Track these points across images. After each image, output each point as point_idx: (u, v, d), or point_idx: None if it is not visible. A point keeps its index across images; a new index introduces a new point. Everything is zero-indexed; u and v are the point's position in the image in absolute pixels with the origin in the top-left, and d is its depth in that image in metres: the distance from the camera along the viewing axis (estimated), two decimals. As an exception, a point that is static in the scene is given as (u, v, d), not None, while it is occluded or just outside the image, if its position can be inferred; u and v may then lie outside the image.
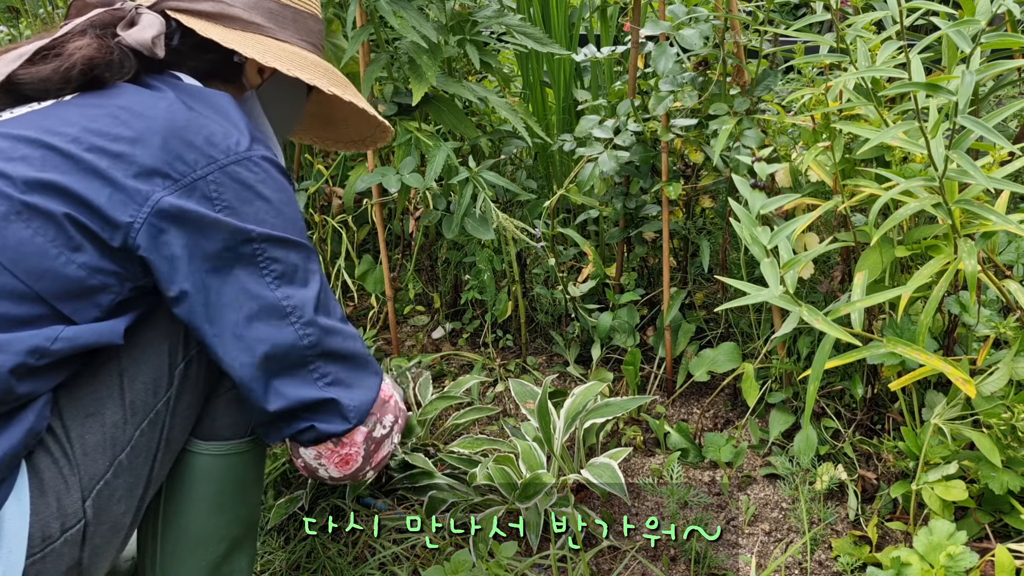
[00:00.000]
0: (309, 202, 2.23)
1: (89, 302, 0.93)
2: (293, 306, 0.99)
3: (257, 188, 0.98)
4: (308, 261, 1.02)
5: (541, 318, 2.17)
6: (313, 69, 1.13)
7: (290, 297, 0.99)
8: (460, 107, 1.87)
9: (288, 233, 1.00)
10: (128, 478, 0.98)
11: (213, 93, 1.03)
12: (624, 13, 2.40)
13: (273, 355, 0.98)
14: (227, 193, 0.96)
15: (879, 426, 1.66)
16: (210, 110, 1.00)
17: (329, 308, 1.03)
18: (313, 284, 1.02)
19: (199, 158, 0.95)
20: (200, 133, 0.96)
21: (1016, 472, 1.32)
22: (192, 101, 1.00)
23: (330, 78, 1.15)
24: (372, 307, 2.26)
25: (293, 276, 1.00)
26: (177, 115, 0.97)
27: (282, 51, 1.11)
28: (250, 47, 1.07)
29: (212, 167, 0.95)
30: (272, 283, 0.98)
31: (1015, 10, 1.34)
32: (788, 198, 1.41)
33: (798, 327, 1.50)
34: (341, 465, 1.07)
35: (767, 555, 1.49)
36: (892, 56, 1.32)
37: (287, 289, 0.99)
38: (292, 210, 1.02)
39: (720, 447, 1.72)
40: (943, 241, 1.36)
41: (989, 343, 1.39)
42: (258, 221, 0.97)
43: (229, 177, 0.96)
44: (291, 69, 1.08)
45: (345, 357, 1.04)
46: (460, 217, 1.75)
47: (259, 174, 0.98)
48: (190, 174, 0.94)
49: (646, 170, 1.92)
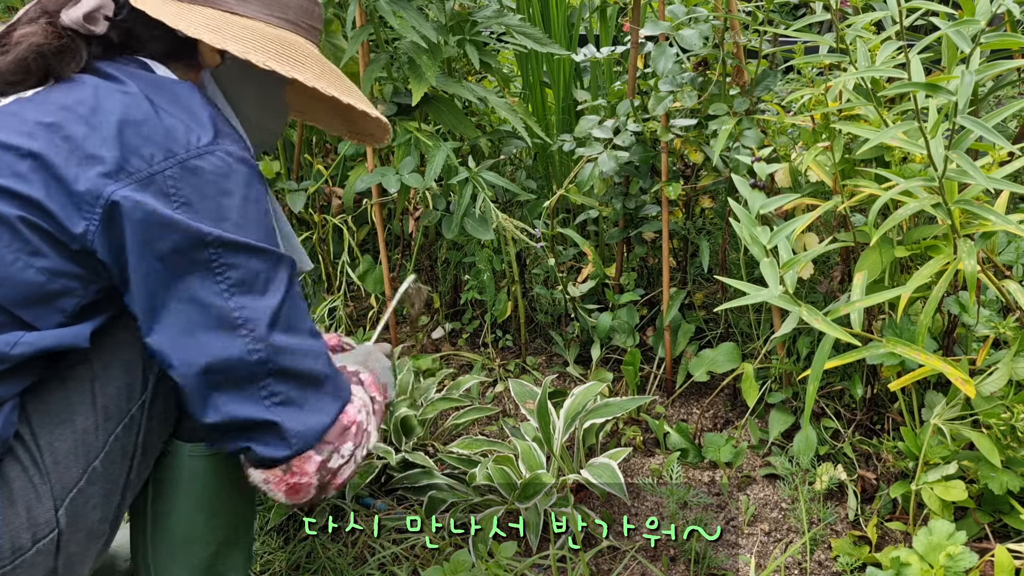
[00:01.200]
0: (309, 202, 2.23)
1: (51, 307, 0.89)
2: (246, 318, 0.92)
3: (220, 184, 0.92)
4: (274, 269, 0.95)
5: (541, 318, 2.17)
6: (275, 49, 1.02)
7: (244, 308, 0.92)
8: (460, 107, 1.87)
9: (249, 237, 0.93)
10: (104, 485, 0.95)
11: (177, 85, 0.98)
12: (624, 13, 2.40)
13: (216, 368, 0.92)
14: (185, 189, 0.90)
15: (879, 426, 1.66)
16: (172, 103, 0.94)
17: (291, 322, 0.96)
18: (274, 294, 0.94)
19: (156, 152, 0.90)
20: (159, 127, 0.91)
21: (1015, 472, 1.32)
22: (154, 94, 0.95)
23: (300, 60, 1.04)
24: (372, 307, 2.26)
25: (252, 285, 0.93)
26: (135, 109, 0.92)
27: (238, 28, 1.02)
28: (195, 22, 0.99)
29: (170, 161, 0.90)
30: (226, 291, 0.92)
31: (1015, 10, 1.34)
32: (788, 198, 1.41)
33: (798, 327, 1.50)
34: (290, 494, 0.98)
35: (767, 555, 1.49)
36: (892, 56, 1.32)
37: (242, 299, 0.92)
38: (257, 210, 0.95)
39: (720, 447, 1.72)
40: (943, 241, 1.36)
41: (989, 343, 1.39)
42: (217, 220, 0.91)
43: (189, 172, 0.91)
44: (244, 50, 0.98)
45: (301, 377, 0.96)
46: (460, 217, 1.76)
47: (222, 168, 0.92)
48: (146, 168, 0.89)
49: (646, 170, 1.92)
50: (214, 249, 0.91)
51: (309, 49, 1.08)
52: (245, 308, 0.92)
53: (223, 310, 0.91)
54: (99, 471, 0.95)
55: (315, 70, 1.04)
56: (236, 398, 0.93)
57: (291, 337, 0.95)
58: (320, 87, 1.02)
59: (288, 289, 0.96)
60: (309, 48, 1.08)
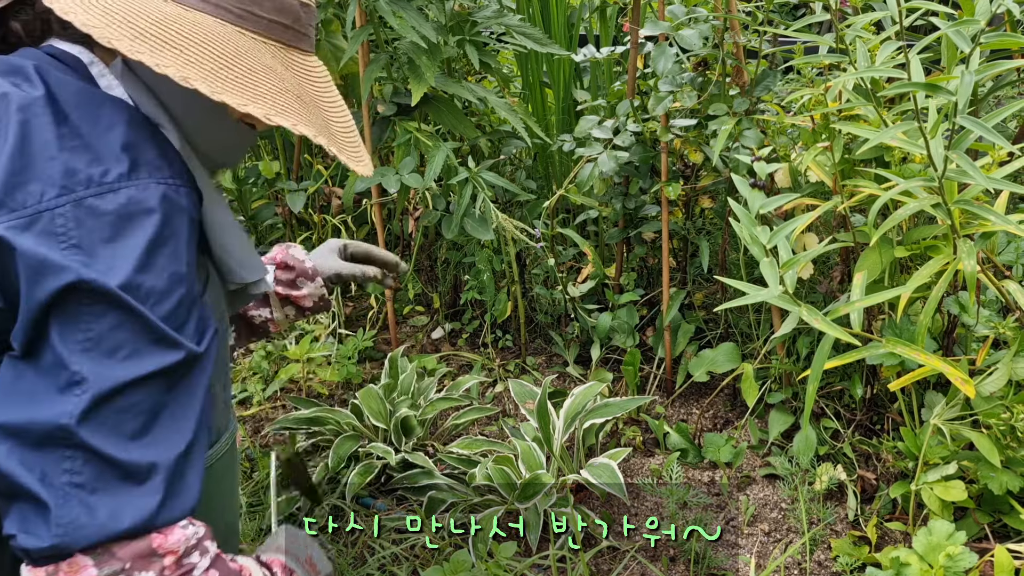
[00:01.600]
0: (309, 202, 2.23)
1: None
2: (82, 378, 0.77)
3: (120, 227, 0.79)
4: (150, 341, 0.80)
5: (540, 318, 2.17)
6: (168, 38, 0.82)
7: (84, 369, 0.78)
8: (459, 107, 1.87)
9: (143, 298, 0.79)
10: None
11: (105, 103, 0.84)
12: (623, 13, 2.40)
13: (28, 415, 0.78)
14: (77, 231, 0.78)
15: (878, 426, 1.66)
16: (88, 125, 0.82)
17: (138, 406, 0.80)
18: (132, 368, 0.79)
19: (48, 188, 0.78)
20: (57, 160, 0.79)
21: (1015, 472, 1.32)
22: (71, 111, 0.82)
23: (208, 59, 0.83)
24: (371, 307, 2.26)
25: (115, 349, 0.79)
26: (34, 131, 0.80)
27: (131, 7, 0.83)
28: (68, 3, 0.82)
29: (63, 199, 0.78)
30: (79, 345, 0.78)
31: (1014, 10, 1.34)
32: (787, 198, 1.41)
33: (797, 327, 1.50)
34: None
35: (766, 555, 1.49)
36: (891, 56, 1.32)
37: (90, 360, 0.78)
38: (166, 262, 0.81)
39: (719, 447, 1.72)
40: (942, 241, 1.36)
41: (988, 343, 1.39)
42: (110, 268, 0.78)
43: (85, 211, 0.78)
44: (104, 34, 0.80)
45: (116, 465, 0.78)
46: (459, 217, 1.76)
47: (126, 209, 0.80)
48: (33, 206, 0.78)
49: (645, 170, 1.92)
50: (90, 298, 0.78)
51: (232, 40, 0.87)
52: (84, 369, 0.78)
53: (66, 363, 0.78)
54: None
55: (224, 71, 0.84)
56: (28, 455, 0.77)
57: (126, 418, 0.79)
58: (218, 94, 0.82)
59: (157, 371, 0.80)
60: (235, 39, 0.87)
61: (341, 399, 2.01)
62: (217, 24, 0.87)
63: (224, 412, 1.03)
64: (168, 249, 0.82)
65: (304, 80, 0.94)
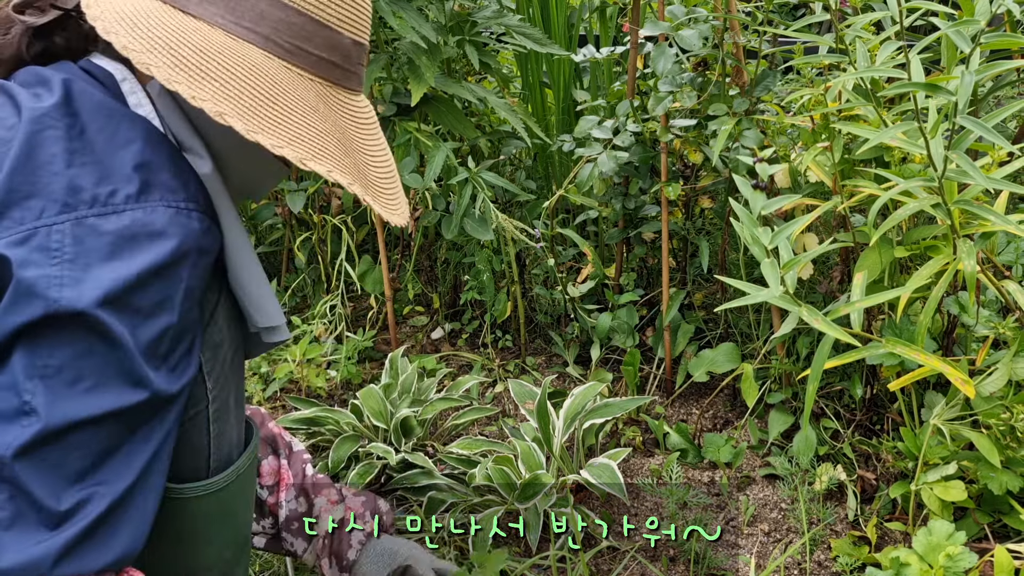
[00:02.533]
0: (309, 202, 2.23)
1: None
2: (32, 408, 0.73)
3: (121, 248, 0.75)
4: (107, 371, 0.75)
5: (540, 318, 2.17)
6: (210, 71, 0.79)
7: (36, 398, 0.73)
8: (459, 107, 1.87)
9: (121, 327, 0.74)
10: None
11: (124, 119, 0.82)
12: (623, 14, 2.40)
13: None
14: (73, 247, 0.74)
15: (878, 426, 1.66)
16: (102, 142, 0.79)
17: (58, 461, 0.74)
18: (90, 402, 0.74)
19: (49, 206, 0.75)
20: (62, 176, 0.76)
21: (1015, 472, 1.32)
22: (87, 125, 0.80)
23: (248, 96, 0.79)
24: (371, 307, 2.26)
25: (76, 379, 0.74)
26: (42, 145, 0.78)
27: (179, 36, 0.80)
28: (120, 22, 0.79)
29: (63, 216, 0.75)
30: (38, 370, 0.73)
31: (1015, 10, 1.34)
32: (788, 199, 1.41)
33: (797, 327, 1.50)
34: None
35: (766, 555, 1.49)
36: (891, 56, 1.32)
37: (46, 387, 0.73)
38: (168, 296, 0.77)
39: (719, 447, 1.72)
40: (942, 241, 1.36)
41: (988, 343, 1.39)
42: (98, 289, 0.73)
43: (85, 230, 0.75)
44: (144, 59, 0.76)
45: (40, 509, 0.73)
46: (459, 217, 1.76)
47: (129, 231, 0.76)
48: (32, 221, 0.75)
49: (645, 170, 1.92)
50: (62, 322, 0.73)
51: (278, 77, 0.83)
52: (37, 399, 0.73)
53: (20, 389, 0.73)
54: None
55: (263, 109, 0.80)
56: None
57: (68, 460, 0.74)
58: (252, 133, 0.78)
59: (116, 410, 0.75)
60: (280, 76, 0.83)
61: (341, 399, 2.01)
62: (263, 57, 0.84)
63: (236, 428, 1.00)
64: (166, 273, 0.78)
65: (348, 121, 0.90)
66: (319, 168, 0.81)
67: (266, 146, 0.79)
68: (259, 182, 0.97)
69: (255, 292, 0.93)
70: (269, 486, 1.30)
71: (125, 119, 0.82)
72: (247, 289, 0.92)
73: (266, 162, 0.93)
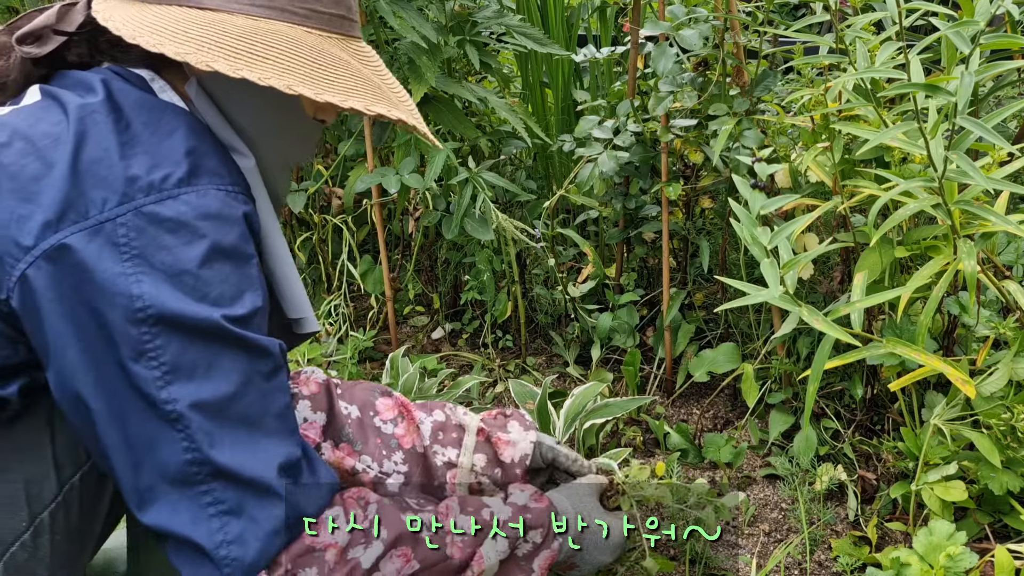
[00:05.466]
0: (309, 202, 2.23)
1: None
2: (179, 413, 0.78)
3: (180, 234, 0.79)
4: (225, 348, 0.80)
5: (541, 319, 2.17)
6: (258, 51, 0.83)
7: (177, 401, 0.78)
8: (460, 107, 1.87)
9: (204, 303, 0.78)
10: (52, 537, 0.86)
11: (165, 111, 0.85)
12: (623, 13, 2.41)
13: (150, 466, 0.79)
14: (139, 239, 0.77)
15: (879, 426, 1.66)
16: (148, 133, 0.82)
17: (245, 414, 0.81)
18: (220, 381, 0.79)
19: (110, 196, 0.78)
20: (118, 166, 0.79)
21: (1015, 473, 1.32)
22: (132, 119, 0.82)
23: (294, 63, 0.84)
24: (372, 307, 2.26)
25: (191, 370, 0.78)
26: (94, 139, 0.80)
27: (187, 23, 0.83)
28: (156, 30, 0.82)
29: (125, 207, 0.78)
30: (160, 378, 0.78)
31: (1014, 11, 1.34)
32: (788, 199, 1.41)
33: (798, 327, 1.50)
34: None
35: (767, 555, 1.49)
36: (891, 57, 1.32)
37: (176, 388, 0.78)
38: (229, 271, 0.80)
39: (720, 447, 1.72)
40: (943, 242, 1.36)
41: (989, 344, 1.39)
42: (172, 278, 0.77)
43: (146, 219, 0.78)
44: (202, 58, 0.81)
45: (246, 484, 0.80)
46: (460, 217, 1.76)
47: (186, 215, 0.79)
48: (96, 215, 0.77)
49: (646, 170, 1.92)
50: (151, 320, 0.77)
51: (295, 36, 0.87)
52: (178, 400, 0.78)
53: (155, 399, 0.78)
54: (47, 523, 0.85)
55: (284, 63, 0.84)
56: (173, 502, 0.79)
57: (240, 434, 0.81)
58: (280, 85, 0.82)
59: (247, 378, 0.81)
60: (297, 35, 0.87)
61: (341, 399, 2.01)
62: (288, 28, 0.87)
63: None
64: (232, 254, 0.81)
65: (369, 69, 0.94)
66: (382, 110, 0.87)
67: (336, 103, 0.84)
68: (298, 146, 1.00)
69: (289, 285, 0.97)
70: (392, 419, 1.15)
71: (167, 110, 0.85)
72: (282, 281, 0.96)
73: (302, 126, 0.97)
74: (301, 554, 0.84)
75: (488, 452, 1.14)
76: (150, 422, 0.78)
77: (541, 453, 1.17)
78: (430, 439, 1.13)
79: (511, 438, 1.14)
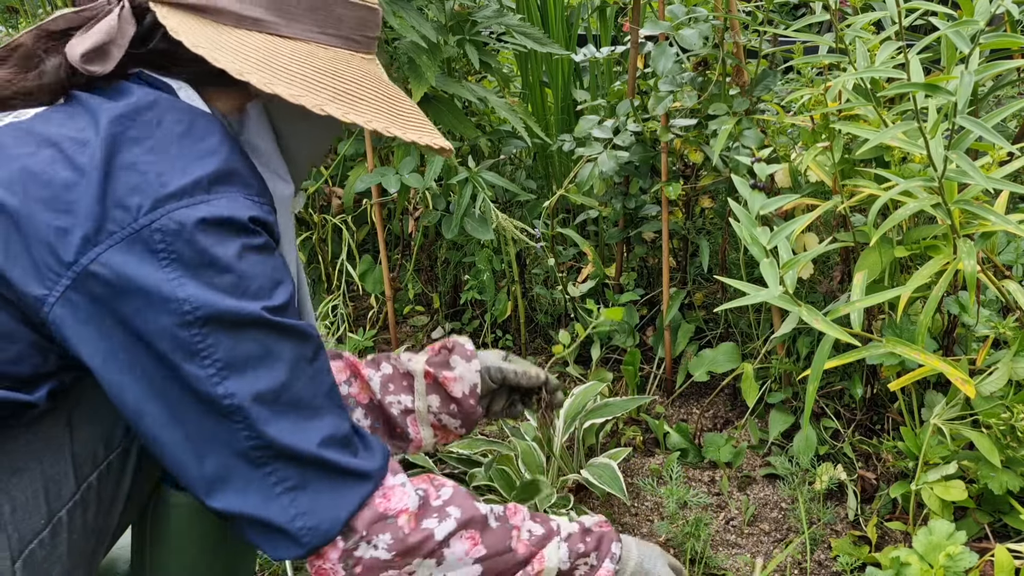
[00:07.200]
0: (309, 202, 2.23)
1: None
2: (237, 406, 0.81)
3: (214, 238, 0.80)
4: (275, 339, 0.83)
5: (540, 318, 2.17)
6: (331, 85, 0.88)
7: (235, 395, 0.80)
8: (460, 107, 1.87)
9: (245, 299, 0.81)
10: (70, 536, 0.87)
11: (197, 117, 0.86)
12: (623, 13, 2.40)
13: (214, 456, 0.82)
14: (175, 243, 0.78)
15: (879, 426, 1.66)
16: (179, 138, 0.83)
17: (298, 398, 0.84)
18: (272, 370, 0.82)
19: (144, 201, 0.78)
20: (151, 170, 0.80)
21: (1015, 472, 1.32)
22: (164, 118, 0.83)
23: (358, 94, 0.90)
24: (372, 307, 2.26)
25: (243, 364, 0.81)
26: (126, 144, 0.80)
27: (288, 60, 0.87)
28: (239, 58, 0.85)
29: (159, 212, 0.78)
30: (215, 375, 0.80)
31: (1014, 10, 1.34)
32: (788, 198, 1.41)
33: (797, 327, 1.50)
34: (317, 574, 0.89)
35: (767, 555, 1.50)
36: (891, 56, 1.32)
37: (232, 383, 0.80)
38: (262, 267, 0.83)
39: (720, 447, 1.72)
40: (942, 241, 1.36)
41: (988, 343, 1.39)
42: (212, 281, 0.79)
43: (181, 224, 0.79)
44: (295, 93, 0.84)
45: (308, 461, 0.84)
46: (459, 217, 1.76)
47: (219, 218, 0.80)
48: (130, 223, 0.78)
49: (645, 170, 1.92)
50: (198, 327, 0.79)
51: (366, 70, 0.93)
52: (236, 395, 0.81)
53: (212, 395, 0.80)
54: (65, 521, 0.87)
55: (374, 103, 0.90)
56: (241, 487, 0.83)
57: (295, 416, 0.84)
58: (379, 128, 0.88)
59: (292, 358, 0.84)
60: (366, 68, 0.94)
61: (341, 399, 2.01)
62: (320, 50, 0.92)
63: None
64: (263, 248, 0.84)
65: (382, 82, 0.97)
66: (427, 139, 0.92)
67: (397, 134, 0.89)
68: (316, 157, 1.05)
69: (302, 298, 1.01)
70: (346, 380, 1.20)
71: (199, 117, 0.86)
72: (303, 304, 1.01)
73: (327, 139, 1.03)
74: (374, 520, 0.87)
75: (440, 392, 1.18)
76: (209, 418, 0.81)
77: (490, 376, 1.20)
78: (380, 392, 1.18)
79: (456, 374, 1.17)
